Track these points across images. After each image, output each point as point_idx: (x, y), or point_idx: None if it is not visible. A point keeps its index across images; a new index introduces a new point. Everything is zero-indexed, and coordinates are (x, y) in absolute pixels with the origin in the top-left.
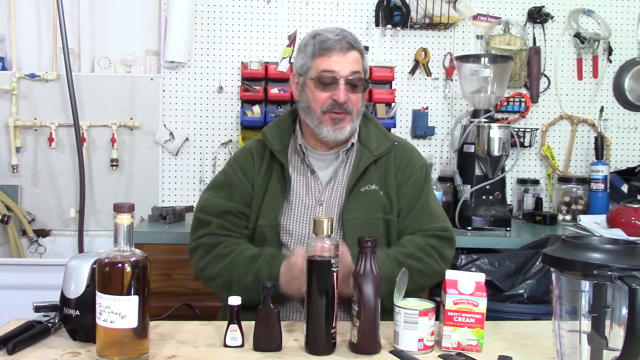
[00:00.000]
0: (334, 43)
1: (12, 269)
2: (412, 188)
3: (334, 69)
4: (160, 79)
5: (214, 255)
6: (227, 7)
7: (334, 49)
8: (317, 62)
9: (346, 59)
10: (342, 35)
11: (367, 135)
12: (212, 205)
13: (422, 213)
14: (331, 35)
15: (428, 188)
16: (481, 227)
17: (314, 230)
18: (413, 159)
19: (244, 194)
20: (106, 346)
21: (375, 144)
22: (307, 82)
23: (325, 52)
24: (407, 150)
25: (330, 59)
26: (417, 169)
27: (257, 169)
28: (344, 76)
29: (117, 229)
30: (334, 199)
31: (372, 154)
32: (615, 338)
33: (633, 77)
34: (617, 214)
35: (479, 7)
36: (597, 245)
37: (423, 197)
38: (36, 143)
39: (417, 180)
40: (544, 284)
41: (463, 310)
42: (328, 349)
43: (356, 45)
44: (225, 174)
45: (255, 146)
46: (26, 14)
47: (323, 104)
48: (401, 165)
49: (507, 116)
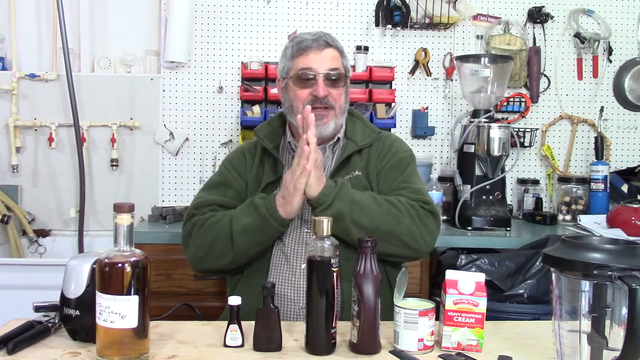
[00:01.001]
0: (310, 42)
1: (12, 269)
2: (392, 170)
3: (311, 66)
4: (160, 79)
5: (208, 225)
6: (227, 7)
7: (311, 47)
8: (295, 62)
9: (323, 56)
10: (318, 35)
11: (353, 129)
12: (207, 201)
13: (403, 187)
14: (308, 36)
15: (411, 170)
16: (481, 227)
17: (314, 230)
18: (395, 146)
19: (238, 190)
20: (106, 346)
21: (360, 136)
22: (288, 82)
23: (303, 51)
24: (390, 139)
25: (307, 57)
26: (398, 154)
27: (249, 167)
28: (321, 72)
29: (117, 229)
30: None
31: (356, 145)
32: (615, 338)
33: (633, 77)
34: (617, 214)
35: (479, 7)
36: (597, 245)
37: (405, 176)
38: (36, 143)
39: (397, 163)
40: (544, 284)
41: (463, 310)
42: (328, 349)
43: (333, 44)
44: (219, 174)
45: (247, 146)
46: (26, 14)
47: (304, 101)
48: (382, 152)
49: (507, 116)
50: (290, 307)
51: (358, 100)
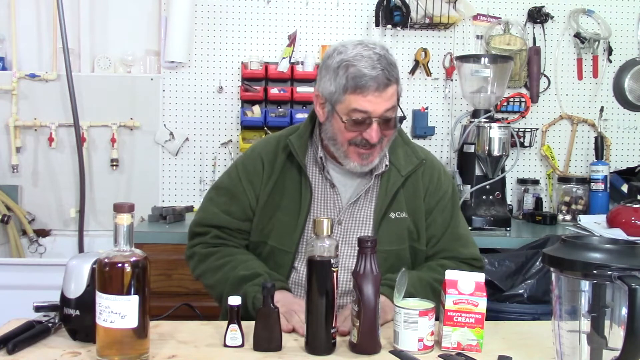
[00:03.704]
0: (370, 81)
1: (12, 269)
2: (441, 214)
3: (367, 109)
4: (160, 79)
5: (207, 266)
6: (227, 7)
7: (370, 88)
8: (348, 98)
9: (382, 98)
10: (380, 68)
11: (394, 150)
12: (210, 219)
13: (452, 239)
14: (367, 71)
15: (457, 212)
16: (481, 227)
17: (314, 230)
18: (441, 180)
19: (244, 206)
20: (106, 346)
21: (403, 162)
22: (335, 114)
23: (360, 90)
24: (434, 169)
25: (365, 98)
26: (445, 191)
27: (265, 178)
28: (378, 116)
29: (117, 229)
30: (355, 221)
31: (399, 175)
32: (615, 338)
33: (633, 77)
34: (617, 214)
35: (479, 7)
36: (597, 245)
37: (453, 223)
38: (36, 143)
39: (446, 204)
40: (544, 284)
41: (463, 310)
42: (328, 349)
43: (393, 78)
44: (230, 178)
45: (266, 151)
46: (26, 14)
47: (352, 139)
48: (429, 188)
49: (507, 116)
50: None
51: None
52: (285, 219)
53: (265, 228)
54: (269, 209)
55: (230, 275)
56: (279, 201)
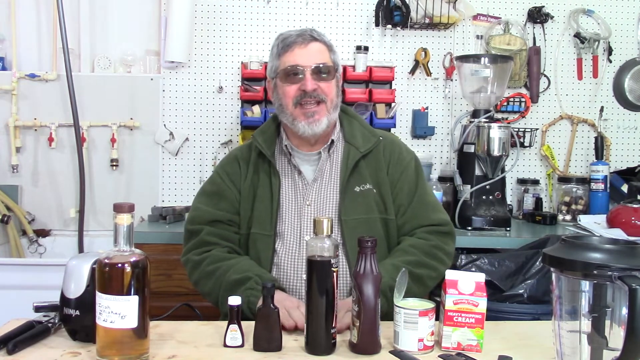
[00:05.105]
0: (295, 38)
1: (12, 269)
2: (407, 183)
3: (297, 62)
4: (160, 79)
5: (200, 273)
6: (227, 7)
7: (296, 43)
8: (282, 59)
9: (309, 51)
10: (303, 31)
11: (351, 132)
12: (202, 216)
13: (419, 206)
14: (293, 32)
15: (422, 182)
16: (481, 227)
17: (314, 230)
18: (402, 153)
19: (232, 201)
20: (106, 346)
21: (360, 140)
22: (276, 81)
23: (288, 47)
24: (394, 144)
25: (293, 53)
26: (408, 163)
27: (243, 175)
28: (308, 66)
29: (117, 229)
30: (322, 199)
31: (358, 151)
32: (615, 338)
33: (633, 77)
34: (617, 214)
35: (479, 7)
36: (597, 245)
37: (419, 191)
38: (36, 143)
39: (409, 174)
40: (544, 284)
41: (463, 310)
42: (328, 349)
43: (319, 38)
44: (212, 183)
45: (240, 153)
46: (26, 14)
47: (293, 97)
48: (391, 161)
49: (507, 116)
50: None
51: (358, 100)
52: (262, 206)
53: (249, 218)
54: (249, 200)
55: (222, 280)
56: (255, 192)
